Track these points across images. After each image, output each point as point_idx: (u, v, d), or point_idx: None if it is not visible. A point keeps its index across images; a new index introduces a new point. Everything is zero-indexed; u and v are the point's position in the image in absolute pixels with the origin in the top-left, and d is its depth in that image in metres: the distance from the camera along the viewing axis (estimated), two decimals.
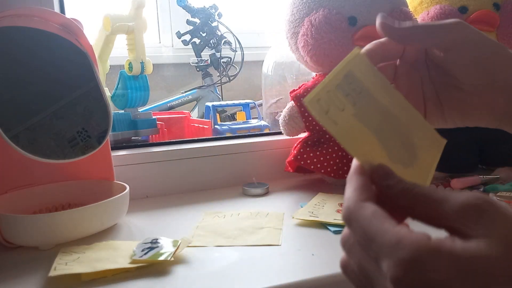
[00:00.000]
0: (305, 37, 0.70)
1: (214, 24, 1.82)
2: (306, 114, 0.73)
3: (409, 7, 0.75)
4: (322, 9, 0.70)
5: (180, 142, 0.81)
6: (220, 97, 1.88)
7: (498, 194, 0.63)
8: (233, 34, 1.84)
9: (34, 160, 0.53)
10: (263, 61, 1.13)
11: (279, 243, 0.51)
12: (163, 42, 1.99)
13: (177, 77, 2.03)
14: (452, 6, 0.77)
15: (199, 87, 1.87)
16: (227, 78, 1.87)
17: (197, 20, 1.81)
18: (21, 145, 0.52)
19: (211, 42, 1.83)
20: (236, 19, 1.93)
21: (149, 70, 0.89)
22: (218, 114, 1.43)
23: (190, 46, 1.85)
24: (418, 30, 0.33)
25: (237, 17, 1.96)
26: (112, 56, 0.98)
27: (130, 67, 0.87)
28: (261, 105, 1.28)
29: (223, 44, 1.84)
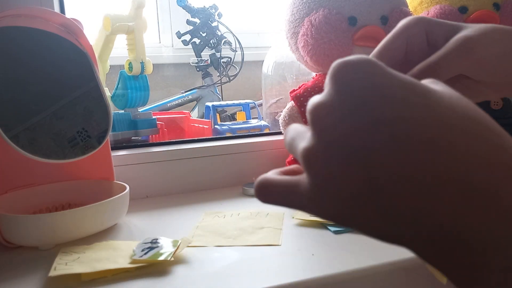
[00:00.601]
0: (305, 37, 0.70)
1: (214, 24, 1.83)
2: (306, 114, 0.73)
3: (409, 7, 0.75)
4: (322, 9, 0.70)
5: (180, 142, 0.81)
6: (220, 97, 1.88)
7: None
8: (233, 34, 1.84)
9: (34, 160, 0.53)
10: (263, 61, 1.13)
11: (279, 243, 0.51)
12: (163, 42, 1.99)
13: (177, 77, 2.03)
14: (452, 6, 0.77)
15: (199, 87, 1.87)
16: (227, 78, 1.87)
17: (197, 20, 1.81)
18: (21, 145, 0.52)
19: (211, 42, 1.83)
20: (236, 19, 1.93)
21: (149, 70, 0.89)
22: (218, 114, 1.43)
23: (190, 46, 1.85)
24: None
25: (237, 17, 1.96)
26: (112, 56, 0.98)
27: (130, 67, 0.87)
28: (261, 105, 1.28)
29: (223, 44, 1.85)
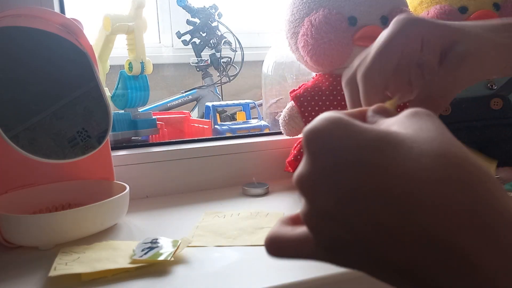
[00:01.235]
0: (305, 37, 0.70)
1: (214, 24, 1.83)
2: (306, 114, 0.73)
3: (409, 7, 0.75)
4: (322, 9, 0.70)
5: (180, 142, 0.81)
6: (220, 97, 1.88)
7: None
8: (233, 34, 1.84)
9: (34, 160, 0.53)
10: (263, 61, 1.13)
11: None
12: (163, 42, 1.99)
13: (177, 77, 2.04)
14: (452, 6, 0.77)
15: (199, 87, 1.87)
16: (227, 78, 1.87)
17: (197, 20, 1.82)
18: (21, 145, 0.52)
19: (211, 42, 1.83)
20: (236, 19, 1.93)
21: (149, 70, 0.89)
22: (218, 114, 1.43)
23: (190, 46, 1.85)
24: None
25: (237, 17, 1.96)
26: (112, 56, 0.98)
27: (130, 67, 0.87)
28: (261, 105, 1.28)
29: (223, 44, 1.85)
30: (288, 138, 0.80)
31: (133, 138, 0.86)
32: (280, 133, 0.81)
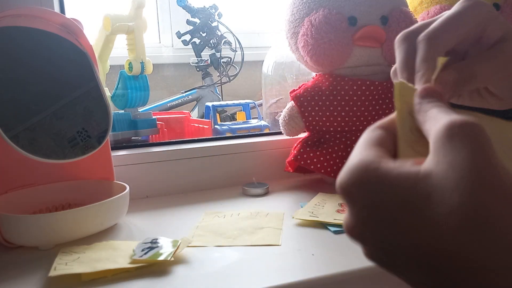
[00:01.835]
0: (305, 37, 0.70)
1: (214, 24, 1.83)
2: (306, 114, 0.73)
3: (409, 7, 0.75)
4: (322, 9, 0.70)
5: (180, 142, 0.81)
6: (220, 97, 1.88)
7: None
8: (233, 34, 1.84)
9: (34, 160, 0.53)
10: (263, 61, 1.13)
11: (279, 243, 0.51)
12: (163, 42, 1.99)
13: (177, 77, 2.04)
14: (452, 6, 0.77)
15: (199, 87, 1.87)
16: (227, 78, 1.88)
17: (197, 20, 1.82)
18: (21, 145, 0.52)
19: (211, 42, 1.83)
20: (236, 19, 1.93)
21: (149, 70, 0.89)
22: (218, 114, 1.43)
23: (190, 46, 1.85)
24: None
25: (237, 17, 1.96)
26: (112, 56, 0.98)
27: (130, 67, 0.87)
28: (261, 105, 1.28)
29: (223, 44, 1.85)
30: (288, 138, 0.80)
31: (133, 138, 0.86)
32: (280, 133, 0.81)
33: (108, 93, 0.88)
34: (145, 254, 0.47)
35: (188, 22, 1.82)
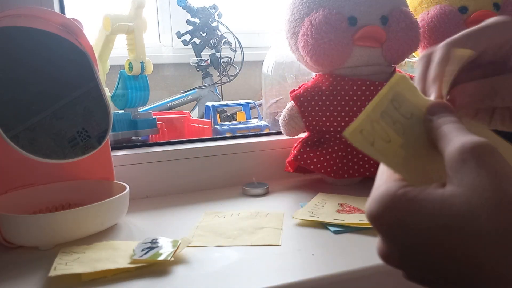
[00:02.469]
0: (305, 37, 0.70)
1: (214, 24, 1.83)
2: (306, 114, 0.73)
3: (409, 7, 0.75)
4: (322, 9, 0.70)
5: (180, 142, 0.81)
6: (220, 97, 1.88)
7: None
8: (233, 34, 1.84)
9: (34, 160, 0.53)
10: (263, 61, 1.13)
11: (279, 243, 0.51)
12: (163, 42, 1.99)
13: (177, 77, 2.03)
14: (452, 6, 0.77)
15: (199, 87, 1.87)
16: (227, 78, 1.87)
17: (197, 20, 1.81)
18: (21, 145, 0.52)
19: (211, 42, 1.83)
20: (236, 19, 1.93)
21: (149, 70, 0.89)
22: (218, 114, 1.43)
23: (190, 46, 1.85)
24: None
25: (237, 17, 1.96)
26: (112, 56, 0.98)
27: (130, 67, 0.87)
28: (261, 105, 1.28)
29: (223, 44, 1.85)
30: (288, 138, 0.80)
31: (133, 138, 0.86)
32: (280, 133, 0.81)
33: (108, 93, 0.88)
34: (145, 254, 0.47)
35: (188, 22, 1.82)
